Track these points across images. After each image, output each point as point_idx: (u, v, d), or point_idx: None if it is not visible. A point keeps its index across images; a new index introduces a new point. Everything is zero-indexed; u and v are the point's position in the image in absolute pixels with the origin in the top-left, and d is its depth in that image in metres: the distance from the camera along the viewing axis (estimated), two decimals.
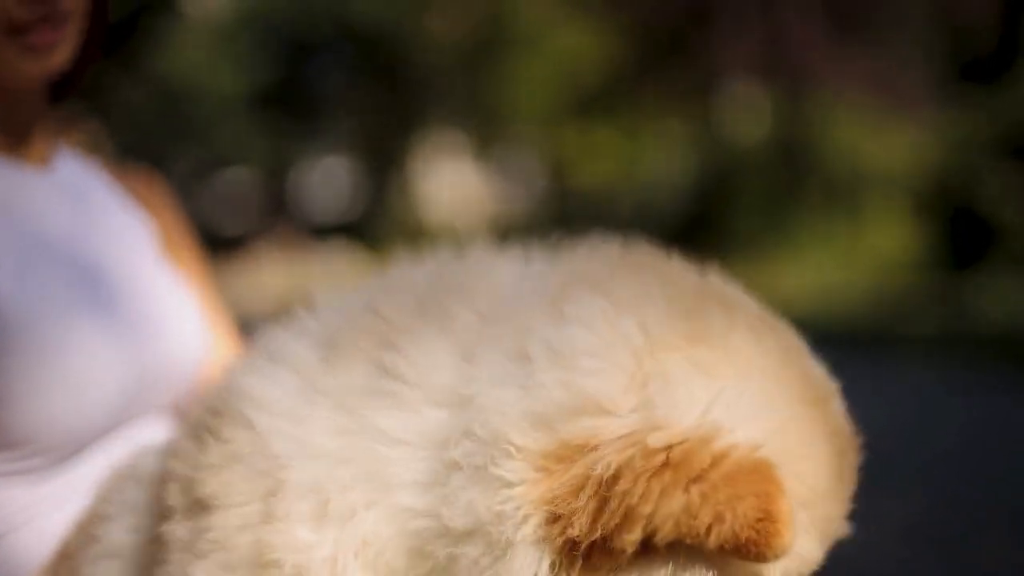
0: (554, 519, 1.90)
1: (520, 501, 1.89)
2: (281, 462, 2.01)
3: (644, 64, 34.02)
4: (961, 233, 30.22)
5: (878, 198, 31.70)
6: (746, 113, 33.83)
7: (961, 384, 16.67)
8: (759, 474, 1.92)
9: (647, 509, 1.85)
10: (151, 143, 30.71)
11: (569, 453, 1.90)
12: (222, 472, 2.04)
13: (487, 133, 37.76)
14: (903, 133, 31.94)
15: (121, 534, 2.27)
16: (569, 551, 1.91)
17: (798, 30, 31.45)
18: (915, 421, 13.98)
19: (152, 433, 2.72)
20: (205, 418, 2.15)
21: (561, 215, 32.65)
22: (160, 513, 2.15)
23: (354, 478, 1.99)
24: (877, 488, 9.32)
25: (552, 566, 1.91)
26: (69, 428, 2.57)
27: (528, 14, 33.73)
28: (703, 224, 31.66)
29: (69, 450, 2.62)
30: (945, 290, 27.59)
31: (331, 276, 29.54)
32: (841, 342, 20.33)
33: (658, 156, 33.79)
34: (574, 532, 1.89)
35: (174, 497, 2.11)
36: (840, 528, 2.31)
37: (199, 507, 2.05)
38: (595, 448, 1.90)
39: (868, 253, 31.04)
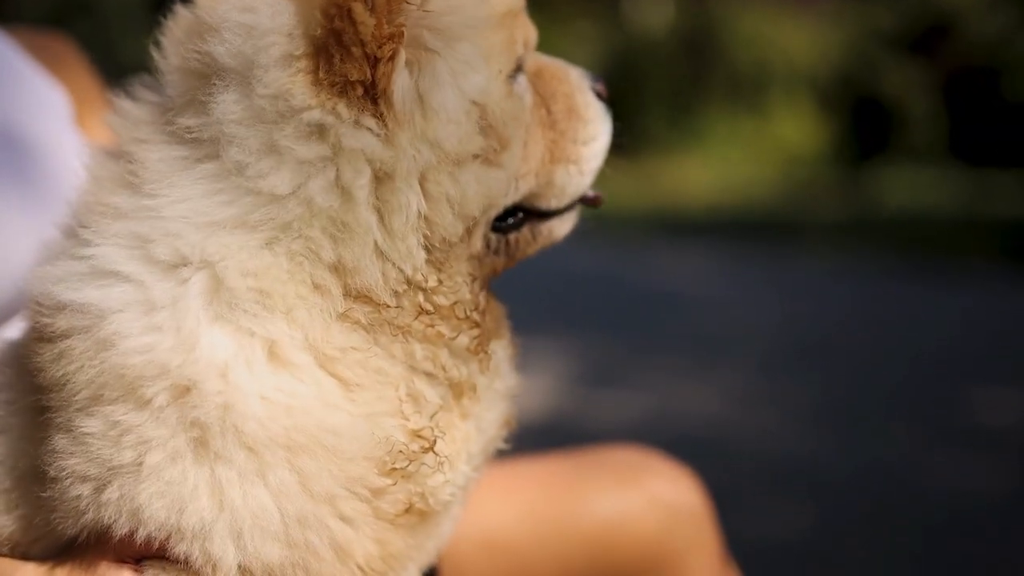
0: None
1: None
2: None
3: None
4: (864, 124, 30.56)
5: (782, 91, 31.91)
6: (651, 9, 33.86)
7: (863, 270, 16.99)
8: None
9: None
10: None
11: None
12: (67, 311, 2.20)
13: None
14: (806, 26, 32.11)
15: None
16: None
17: None
18: (816, 308, 14.25)
19: None
20: None
21: None
22: (32, 377, 2.26)
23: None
24: (781, 374, 9.59)
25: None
26: None
27: None
28: (611, 119, 31.76)
29: None
30: (847, 180, 27.94)
31: None
32: (747, 233, 20.67)
33: (566, 54, 33.61)
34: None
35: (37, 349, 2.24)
36: None
37: (52, 344, 2.20)
38: None
39: (773, 145, 31.30)
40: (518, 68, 2.40)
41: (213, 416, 2.14)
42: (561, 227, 2.54)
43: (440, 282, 2.29)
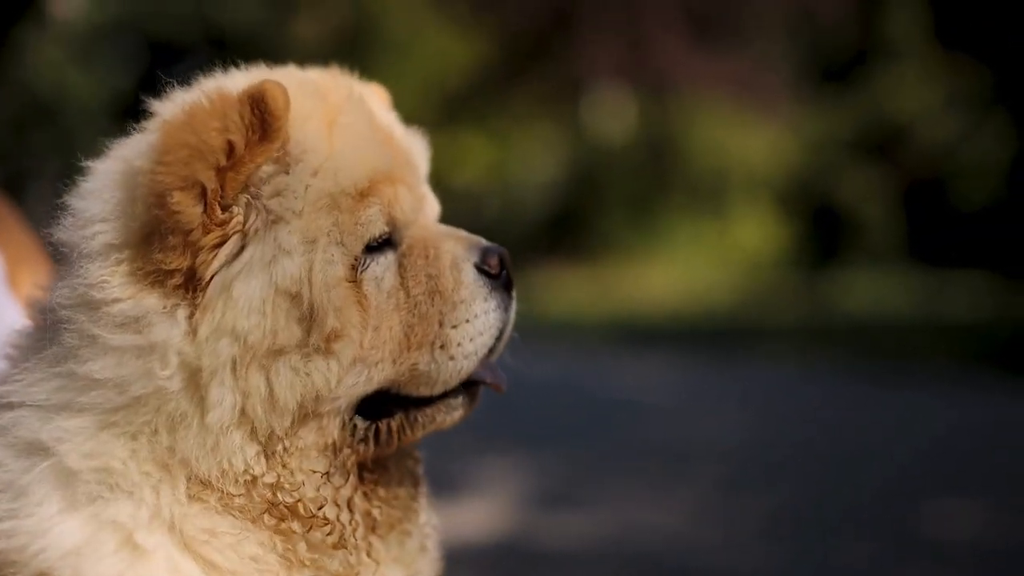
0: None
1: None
2: None
3: (511, 68, 34.13)
4: (821, 229, 30.78)
5: (741, 196, 32.13)
6: (612, 115, 34.13)
7: (821, 377, 17.00)
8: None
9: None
10: (15, 152, 30.15)
11: None
12: None
13: None
14: (765, 132, 32.42)
15: None
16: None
17: (660, 33, 31.79)
18: (777, 417, 14.22)
19: None
20: None
21: None
22: None
23: None
24: (740, 488, 9.51)
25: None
26: None
27: (395, 18, 33.63)
28: (572, 224, 31.88)
29: None
30: (807, 285, 28.07)
31: None
32: (708, 340, 20.69)
33: (526, 158, 33.90)
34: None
35: None
36: None
37: None
38: None
39: (733, 250, 31.45)
40: (377, 248, 2.35)
41: None
42: (448, 415, 2.45)
43: (279, 478, 2.26)
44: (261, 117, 2.17)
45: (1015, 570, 8.26)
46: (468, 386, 2.47)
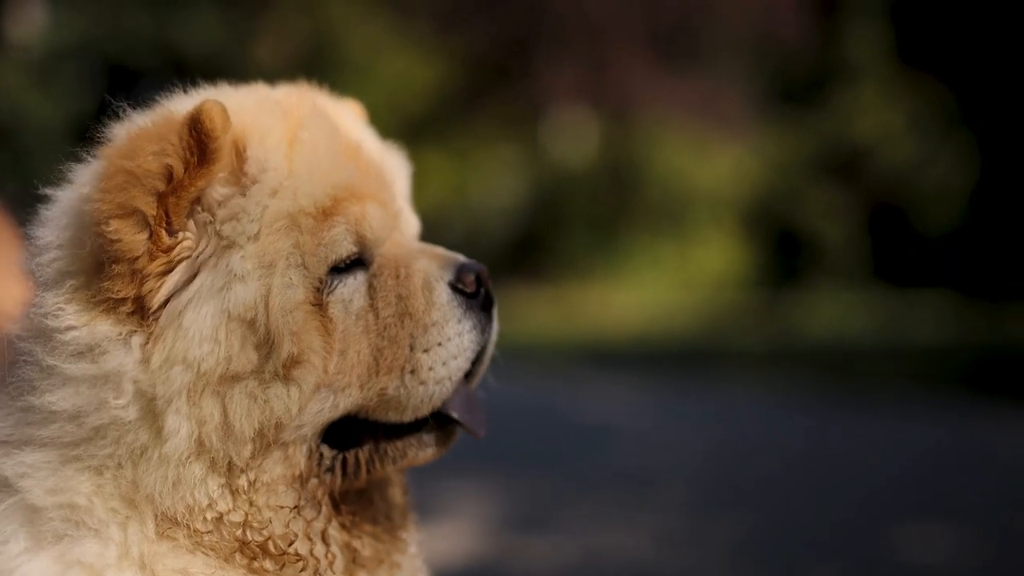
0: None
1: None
2: None
3: (472, 90, 34.19)
4: (785, 251, 30.88)
5: (704, 218, 32.22)
6: (573, 137, 34.18)
7: (785, 401, 16.99)
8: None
9: None
10: None
11: None
12: None
13: None
14: (727, 154, 32.53)
15: None
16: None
17: (622, 55, 31.87)
18: (743, 441, 14.20)
19: None
20: None
21: None
22: None
23: None
24: (706, 511, 9.45)
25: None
26: None
27: (355, 41, 33.66)
28: (534, 246, 31.89)
29: None
30: (771, 307, 28.14)
31: None
32: (671, 363, 20.67)
33: (487, 181, 33.95)
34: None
35: None
36: None
37: None
38: None
39: (696, 272, 31.52)
40: (345, 269, 2.26)
41: None
42: (420, 451, 2.36)
43: (247, 516, 2.18)
44: (198, 138, 2.09)
45: None
46: (443, 424, 2.37)
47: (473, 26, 33.68)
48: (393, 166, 2.52)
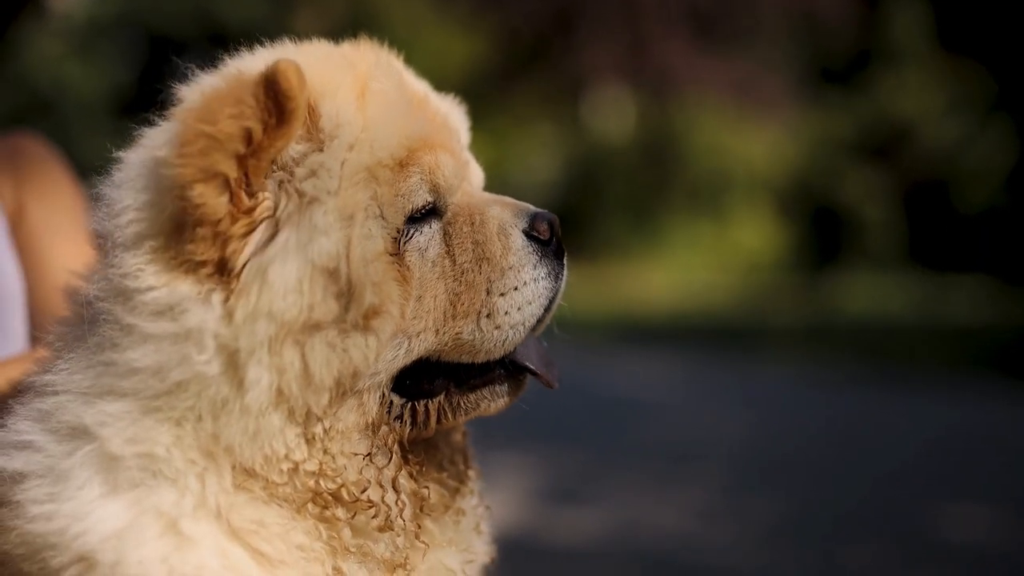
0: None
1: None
2: None
3: (511, 67, 34.14)
4: (822, 231, 30.76)
5: (741, 198, 32.11)
6: (612, 115, 34.10)
7: (821, 379, 16.97)
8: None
9: None
10: None
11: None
12: None
13: None
14: (765, 134, 32.39)
15: None
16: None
17: (662, 34, 31.76)
18: (778, 418, 14.19)
19: None
20: None
21: None
22: None
23: None
24: (742, 488, 9.44)
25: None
26: None
27: (395, 16, 33.64)
28: (572, 225, 31.84)
29: None
30: (807, 287, 28.06)
31: None
32: (708, 340, 20.65)
33: (525, 158, 33.91)
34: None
35: None
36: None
37: None
38: None
39: (732, 251, 31.43)
40: (420, 218, 2.29)
41: None
42: (492, 402, 2.39)
43: (321, 464, 2.22)
44: (276, 100, 2.12)
45: (1017, 572, 8.23)
46: (513, 373, 2.40)
47: (512, 3, 33.62)
48: (456, 117, 2.53)
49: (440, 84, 2.64)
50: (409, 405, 2.31)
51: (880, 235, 30.01)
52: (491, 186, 2.59)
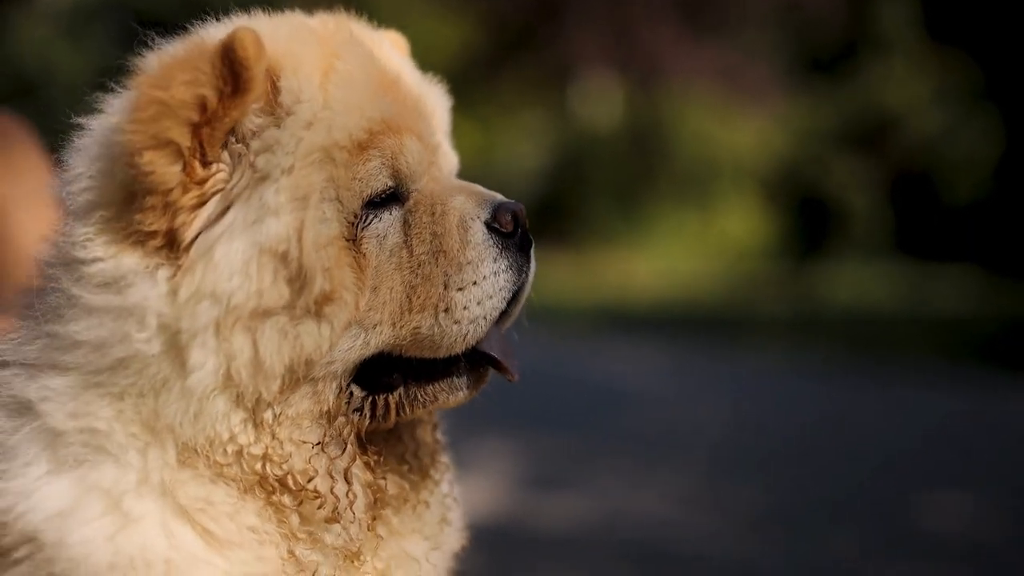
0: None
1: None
2: None
3: (497, 54, 34.05)
4: (809, 220, 30.76)
5: (728, 186, 32.09)
6: (599, 103, 34.04)
7: (807, 368, 16.97)
8: None
9: None
10: None
11: None
12: None
13: None
14: (752, 123, 32.37)
15: None
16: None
17: (649, 22, 31.71)
18: (764, 407, 14.19)
19: None
20: None
21: None
22: None
23: None
24: (725, 476, 9.45)
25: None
26: None
27: (382, 2, 33.60)
28: (558, 212, 31.82)
29: None
30: (793, 276, 28.06)
31: None
32: (693, 329, 20.65)
33: (512, 145, 33.84)
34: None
35: None
36: None
37: None
38: None
39: (719, 240, 31.42)
40: (380, 204, 2.24)
41: (60, 569, 2.11)
42: (451, 395, 2.34)
43: (267, 449, 2.17)
44: (232, 67, 2.06)
45: (1004, 563, 8.24)
46: (475, 366, 2.35)
47: None
48: (433, 99, 2.47)
49: (427, 70, 2.59)
50: (370, 398, 2.27)
51: (867, 224, 30.02)
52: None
